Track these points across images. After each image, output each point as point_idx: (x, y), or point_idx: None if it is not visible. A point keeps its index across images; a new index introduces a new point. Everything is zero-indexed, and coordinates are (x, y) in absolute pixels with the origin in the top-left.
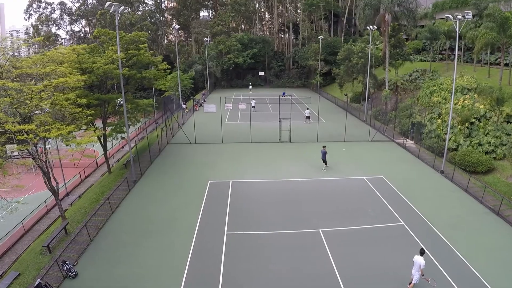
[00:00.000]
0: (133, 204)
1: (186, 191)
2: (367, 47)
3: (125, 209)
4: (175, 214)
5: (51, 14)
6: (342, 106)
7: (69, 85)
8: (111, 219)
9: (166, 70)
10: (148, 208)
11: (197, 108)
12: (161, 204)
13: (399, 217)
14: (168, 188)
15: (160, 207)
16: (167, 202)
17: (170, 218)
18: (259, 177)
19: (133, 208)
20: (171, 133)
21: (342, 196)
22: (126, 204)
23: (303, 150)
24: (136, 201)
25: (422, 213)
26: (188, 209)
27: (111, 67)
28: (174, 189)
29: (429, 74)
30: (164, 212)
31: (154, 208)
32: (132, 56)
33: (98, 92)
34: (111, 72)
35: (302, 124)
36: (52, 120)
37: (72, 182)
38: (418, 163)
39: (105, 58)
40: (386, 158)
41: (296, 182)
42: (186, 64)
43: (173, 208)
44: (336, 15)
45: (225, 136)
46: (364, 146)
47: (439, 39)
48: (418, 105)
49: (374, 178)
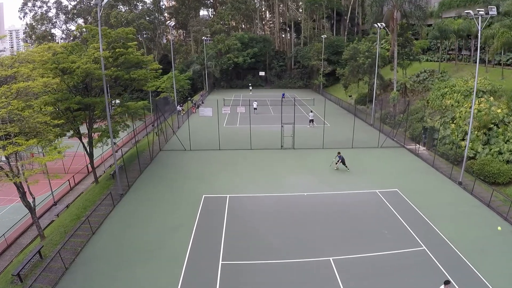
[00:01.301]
0: (117, 223)
1: (177, 208)
2: (373, 46)
3: (107, 230)
4: (164, 237)
5: (47, 13)
6: (346, 108)
7: (33, 90)
8: (91, 242)
9: (158, 70)
10: (133, 230)
11: (194, 110)
12: (148, 224)
13: (419, 240)
14: (157, 204)
15: (147, 227)
16: (155, 222)
17: (157, 242)
18: (259, 190)
19: (116, 228)
20: (164, 139)
21: (354, 214)
22: (109, 223)
23: (308, 158)
24: (120, 219)
25: (444, 234)
26: (179, 231)
27: (91, 67)
28: (164, 206)
29: (438, 75)
30: (151, 234)
31: (140, 230)
32: (120, 55)
33: (83, 95)
34: (93, 73)
35: (306, 128)
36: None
37: (61, 189)
38: (433, 173)
39: (86, 57)
40: (398, 167)
41: (301, 197)
42: (184, 64)
43: (161, 230)
44: (339, 14)
45: (223, 142)
46: (373, 153)
47: (448, 38)
48: (429, 108)
49: (388, 191)
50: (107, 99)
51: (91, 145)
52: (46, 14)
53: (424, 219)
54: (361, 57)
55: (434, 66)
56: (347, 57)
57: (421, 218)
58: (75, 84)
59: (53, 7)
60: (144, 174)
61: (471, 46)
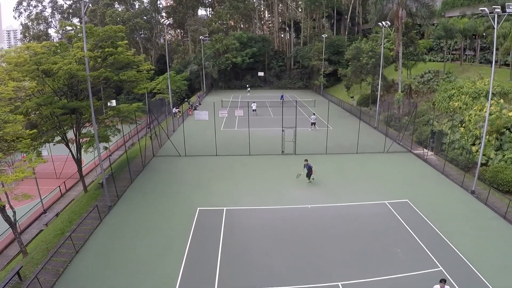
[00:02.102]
0: (102, 240)
1: (169, 223)
2: (376, 46)
3: (92, 249)
4: (153, 258)
5: (42, 12)
6: (349, 110)
7: (3, 96)
8: (74, 262)
9: (150, 71)
10: (120, 248)
11: (191, 112)
12: (137, 243)
13: (435, 260)
14: (148, 218)
15: (135, 246)
16: (144, 240)
17: (145, 265)
18: (259, 202)
19: (101, 247)
20: (158, 143)
21: (363, 230)
22: (95, 240)
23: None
24: (106, 236)
25: (461, 252)
26: (169, 251)
27: (74, 68)
28: (154, 220)
29: (443, 76)
30: (139, 254)
31: (127, 248)
32: (109, 55)
33: (70, 99)
34: (77, 75)
35: (307, 131)
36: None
37: (51, 196)
38: (443, 181)
39: (69, 57)
40: (406, 175)
41: (304, 209)
42: (181, 64)
43: (150, 249)
44: (339, 13)
45: (220, 147)
46: (379, 159)
47: (454, 37)
48: (435, 110)
49: (398, 202)
50: (92, 102)
51: (79, 151)
52: (41, 13)
53: (439, 234)
54: (364, 57)
55: (437, 66)
56: (349, 57)
57: (435, 234)
58: (60, 87)
59: (48, 7)
60: (135, 183)
61: (476, 46)
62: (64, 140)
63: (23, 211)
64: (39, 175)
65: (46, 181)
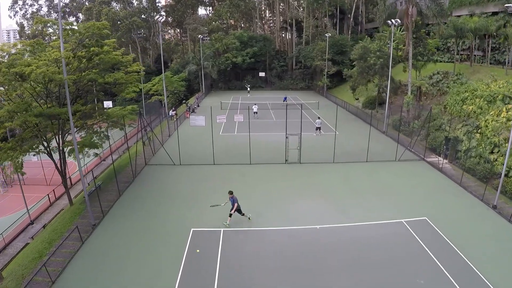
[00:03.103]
0: (83, 267)
1: (159, 247)
2: (384, 45)
3: (70, 278)
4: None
5: (38, 12)
6: (354, 112)
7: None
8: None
9: (140, 73)
10: (101, 278)
11: (188, 115)
12: (121, 271)
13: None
14: (135, 241)
15: (119, 275)
16: (129, 268)
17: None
18: (261, 222)
19: (81, 275)
20: (151, 150)
21: (380, 256)
22: (74, 267)
23: (317, 176)
24: (88, 262)
25: (491, 283)
26: (158, 281)
27: (49, 71)
28: (142, 244)
29: (453, 77)
30: (123, 285)
31: (111, 278)
32: (94, 55)
33: (52, 104)
34: (53, 78)
35: (312, 136)
36: None
37: (39, 205)
38: (462, 194)
39: (44, 58)
40: (422, 187)
41: (313, 231)
42: (180, 64)
43: (136, 280)
44: (342, 12)
45: (218, 154)
46: (391, 169)
47: (464, 37)
48: (447, 114)
49: (416, 221)
50: (77, 108)
51: (63, 161)
52: (37, 12)
53: (463, 259)
54: (372, 57)
55: (445, 66)
56: (356, 57)
57: (460, 259)
58: (41, 91)
59: (44, 5)
60: (124, 196)
61: (486, 46)
62: (47, 150)
63: (9, 221)
64: (28, 182)
65: (36, 188)
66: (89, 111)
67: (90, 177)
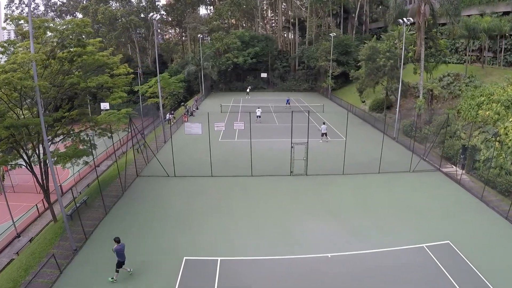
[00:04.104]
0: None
1: (147, 279)
2: (394, 46)
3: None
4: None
5: (34, 10)
6: (361, 116)
7: None
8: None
9: (128, 75)
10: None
11: (186, 119)
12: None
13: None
14: (120, 271)
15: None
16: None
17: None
18: (263, 249)
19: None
20: (144, 159)
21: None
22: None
23: (326, 190)
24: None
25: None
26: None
27: (12, 78)
28: (128, 275)
29: (465, 80)
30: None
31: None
32: (76, 56)
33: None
34: (21, 85)
35: (318, 143)
36: None
37: (28, 215)
38: (484, 210)
39: (11, 60)
40: (440, 203)
41: (323, 260)
42: (179, 64)
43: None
44: (346, 11)
45: (216, 165)
46: (406, 181)
47: (478, 38)
48: (460, 119)
49: (438, 245)
50: (45, 131)
51: (45, 175)
52: (33, 11)
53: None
54: (381, 58)
55: (454, 68)
56: (364, 58)
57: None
58: (15, 100)
59: (41, 4)
60: (110, 214)
61: (497, 47)
62: (26, 162)
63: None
64: (18, 189)
65: (25, 196)
66: (76, 116)
67: (82, 186)
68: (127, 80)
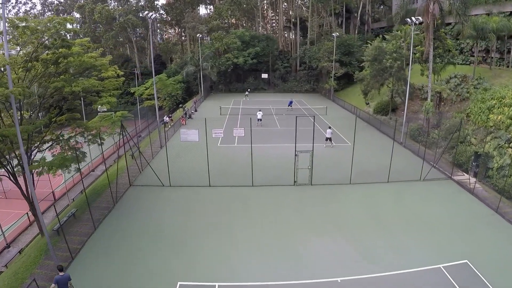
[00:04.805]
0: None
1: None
2: (401, 46)
3: None
4: None
5: (31, 10)
6: (366, 119)
7: None
8: None
9: (118, 77)
10: None
11: (184, 122)
12: None
13: None
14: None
15: None
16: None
17: None
18: (266, 273)
19: None
20: (138, 166)
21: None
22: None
23: (333, 202)
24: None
25: None
26: None
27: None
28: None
29: (473, 81)
30: None
31: None
32: (62, 57)
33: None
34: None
35: (322, 148)
36: None
37: (19, 224)
38: (501, 224)
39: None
40: (455, 216)
41: (333, 285)
42: (178, 65)
43: None
44: (348, 11)
45: (215, 173)
46: (417, 191)
47: (487, 38)
48: (470, 124)
49: (456, 265)
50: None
51: (30, 185)
52: (30, 11)
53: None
54: (388, 59)
55: (460, 69)
56: (369, 59)
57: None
58: None
59: (38, 3)
60: (100, 230)
61: (505, 48)
62: (9, 172)
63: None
64: (11, 195)
65: (17, 203)
66: (65, 121)
67: (76, 192)
68: (118, 83)
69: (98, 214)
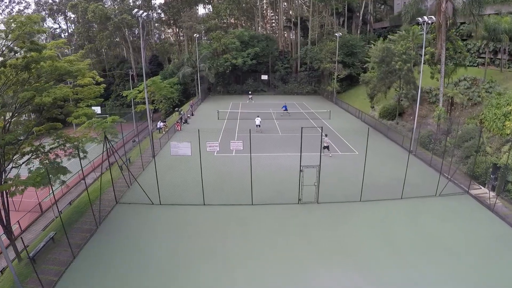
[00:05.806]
0: None
1: None
2: (410, 47)
3: None
4: None
5: (25, 9)
6: (372, 124)
7: None
8: None
9: (99, 84)
10: None
11: (180, 127)
12: None
13: None
14: None
15: None
16: None
17: None
18: None
19: None
20: (126, 181)
21: None
22: None
23: (342, 225)
24: None
25: None
26: None
27: None
28: None
29: (484, 85)
30: None
31: None
32: (33, 62)
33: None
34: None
35: (327, 159)
36: None
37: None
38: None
39: None
40: (475, 239)
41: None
42: (175, 66)
43: None
44: (350, 10)
45: (210, 189)
46: (433, 209)
47: (499, 39)
48: (485, 131)
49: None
50: None
51: (6, 206)
52: (24, 10)
53: None
54: (397, 61)
55: (470, 71)
56: (376, 60)
57: None
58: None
59: (32, 2)
60: (79, 258)
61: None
62: None
63: None
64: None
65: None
66: (45, 131)
67: (64, 203)
68: (98, 90)
69: (79, 237)
